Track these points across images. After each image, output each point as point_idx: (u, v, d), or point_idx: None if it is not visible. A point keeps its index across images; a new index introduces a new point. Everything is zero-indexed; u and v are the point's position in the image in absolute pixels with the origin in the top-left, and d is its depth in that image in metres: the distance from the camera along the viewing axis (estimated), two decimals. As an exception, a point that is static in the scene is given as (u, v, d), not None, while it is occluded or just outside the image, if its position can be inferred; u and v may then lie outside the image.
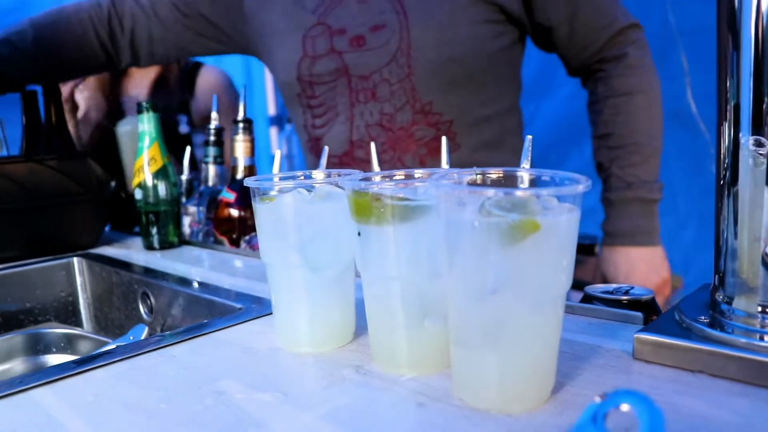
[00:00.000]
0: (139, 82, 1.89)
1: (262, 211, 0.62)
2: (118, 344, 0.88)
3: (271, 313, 0.74)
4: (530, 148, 0.74)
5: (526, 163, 0.72)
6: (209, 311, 0.86)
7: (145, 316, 1.01)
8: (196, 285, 0.93)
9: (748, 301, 0.55)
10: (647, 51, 1.24)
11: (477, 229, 0.45)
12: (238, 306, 0.80)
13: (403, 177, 0.59)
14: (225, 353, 0.64)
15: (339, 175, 0.63)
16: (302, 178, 0.66)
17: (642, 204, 1.21)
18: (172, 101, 1.89)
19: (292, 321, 0.64)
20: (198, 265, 1.07)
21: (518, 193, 0.45)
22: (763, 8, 0.52)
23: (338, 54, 1.23)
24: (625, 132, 1.22)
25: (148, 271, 1.04)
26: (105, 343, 0.95)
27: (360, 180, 0.57)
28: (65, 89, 1.79)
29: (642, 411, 0.32)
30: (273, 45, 1.33)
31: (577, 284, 0.80)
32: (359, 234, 0.55)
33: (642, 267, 1.23)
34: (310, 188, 0.62)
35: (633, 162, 1.21)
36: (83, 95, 1.94)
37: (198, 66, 2.06)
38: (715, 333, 0.54)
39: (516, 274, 0.45)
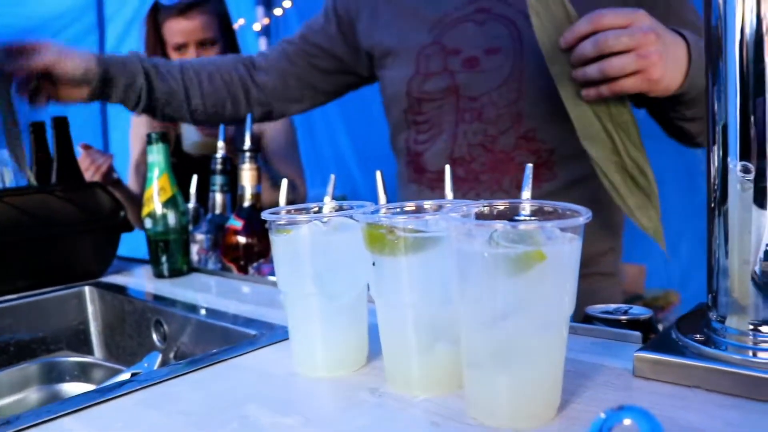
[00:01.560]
0: None
1: (278, 242, 0.66)
2: (133, 371, 0.91)
3: (285, 339, 0.78)
4: (530, 177, 0.78)
5: (526, 192, 0.76)
6: (223, 338, 0.89)
7: (158, 343, 1.04)
8: (208, 312, 0.96)
9: (740, 319, 0.59)
10: None
11: (486, 260, 0.48)
12: (252, 332, 0.83)
13: (413, 209, 0.62)
14: (245, 379, 0.67)
15: (351, 207, 0.67)
16: (316, 209, 0.70)
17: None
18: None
19: (308, 346, 0.67)
20: (208, 292, 1.10)
21: (524, 225, 0.48)
22: (747, 34, 0.55)
23: (451, 73, 1.25)
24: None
25: (161, 299, 1.07)
26: (119, 371, 0.97)
27: (372, 213, 0.60)
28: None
29: (643, 425, 0.36)
30: (386, 63, 1.37)
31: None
32: (374, 264, 0.58)
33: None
34: (324, 220, 0.65)
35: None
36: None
37: None
38: (710, 350, 0.58)
39: (523, 301, 0.49)
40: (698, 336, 0.60)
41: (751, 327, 0.58)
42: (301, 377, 0.67)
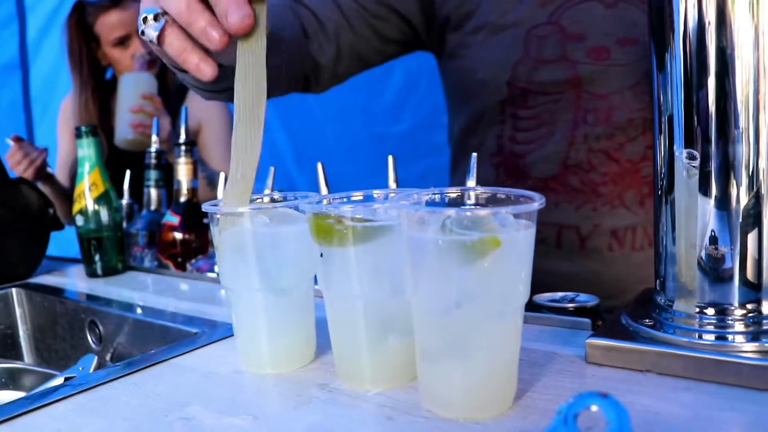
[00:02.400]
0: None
1: (221, 236, 0.63)
2: (67, 376, 0.87)
3: (229, 336, 0.75)
4: (475, 166, 0.77)
5: (471, 181, 0.75)
6: (162, 337, 0.85)
7: (93, 345, 0.99)
8: (146, 311, 0.93)
9: (687, 303, 0.59)
10: None
11: (440, 247, 0.47)
12: (194, 330, 0.80)
13: (361, 198, 0.61)
14: (188, 379, 0.64)
15: (295, 198, 0.65)
16: (260, 201, 0.67)
17: None
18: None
19: (254, 343, 0.65)
20: (145, 291, 1.06)
21: (478, 211, 0.47)
22: (690, 28, 0.56)
23: (572, 63, 1.02)
24: None
25: (95, 299, 1.03)
26: (51, 376, 0.92)
27: (318, 203, 0.58)
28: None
29: (609, 410, 0.35)
30: (476, 39, 1.09)
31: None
32: (321, 255, 0.56)
33: None
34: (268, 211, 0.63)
35: None
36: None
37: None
38: (660, 334, 0.58)
39: (478, 289, 0.48)
40: (647, 321, 0.61)
41: (698, 310, 0.59)
42: (248, 375, 0.64)
